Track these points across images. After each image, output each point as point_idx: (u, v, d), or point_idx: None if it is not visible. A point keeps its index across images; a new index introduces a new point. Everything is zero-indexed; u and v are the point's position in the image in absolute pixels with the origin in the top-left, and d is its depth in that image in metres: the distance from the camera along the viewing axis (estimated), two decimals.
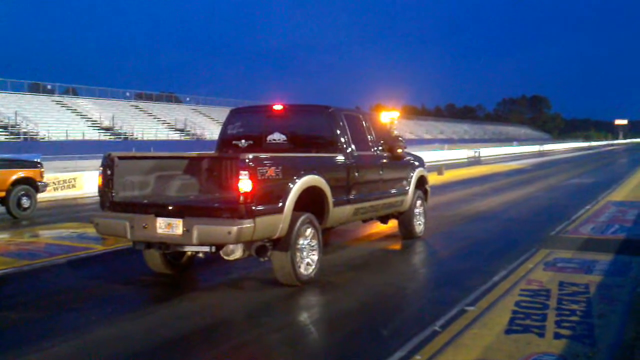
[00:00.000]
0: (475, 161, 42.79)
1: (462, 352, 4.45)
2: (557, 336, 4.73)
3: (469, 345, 4.59)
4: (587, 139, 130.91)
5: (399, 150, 9.01)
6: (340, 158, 7.60)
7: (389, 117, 26.20)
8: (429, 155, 43.59)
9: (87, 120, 43.85)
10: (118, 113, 45.85)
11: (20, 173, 13.08)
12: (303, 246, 6.55)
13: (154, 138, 42.87)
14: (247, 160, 5.77)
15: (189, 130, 48.11)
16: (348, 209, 7.62)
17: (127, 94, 53.34)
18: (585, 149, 76.35)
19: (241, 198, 5.72)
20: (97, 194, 7.05)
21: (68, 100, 46.72)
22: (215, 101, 58.31)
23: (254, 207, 5.75)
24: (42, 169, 13.76)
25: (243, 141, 8.27)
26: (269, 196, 6.04)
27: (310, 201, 6.70)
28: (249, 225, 5.68)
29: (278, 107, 8.43)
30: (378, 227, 10.38)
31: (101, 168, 6.64)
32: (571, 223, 10.87)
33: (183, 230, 5.88)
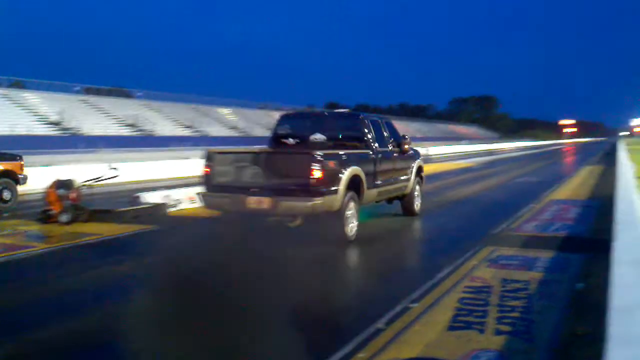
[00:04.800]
0: (426, 159, 43.29)
1: (404, 349, 4.50)
2: (497, 332, 4.83)
3: (412, 342, 4.65)
4: (534, 138, 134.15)
5: (405, 146, 11.45)
6: (369, 153, 10.04)
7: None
8: None
9: (34, 115, 42.68)
10: (66, 108, 44.74)
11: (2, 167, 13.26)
12: (348, 216, 8.84)
13: (103, 133, 42.02)
14: (318, 156, 8.29)
15: (139, 126, 47.35)
16: (374, 192, 10.06)
17: (77, 88, 52.19)
18: (532, 148, 78.11)
19: (314, 182, 8.23)
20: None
21: (14, 94, 45.37)
22: (169, 97, 57.37)
23: (322, 189, 8.27)
24: (22, 162, 14.03)
25: (291, 140, 10.72)
26: (330, 181, 8.43)
27: (352, 184, 8.97)
28: (319, 201, 8.21)
29: (319, 113, 11.83)
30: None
31: (205, 161, 9.24)
32: (515, 221, 11.09)
33: (270, 205, 8.39)
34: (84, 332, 5.21)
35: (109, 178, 13.31)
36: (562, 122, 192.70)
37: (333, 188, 8.45)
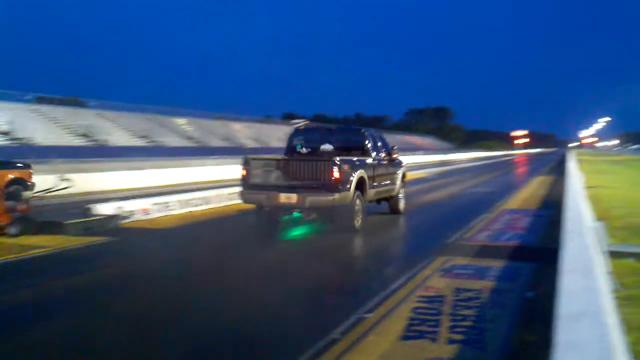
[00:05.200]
0: None
1: (358, 359, 4.53)
2: (450, 341, 4.88)
3: (366, 352, 4.67)
4: (487, 149, 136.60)
5: (394, 155, 13.89)
6: (370, 160, 12.29)
7: (298, 124, 26.33)
8: None
9: None
10: (17, 117, 43.57)
11: (12, 174, 13.20)
12: (356, 210, 10.98)
13: (54, 143, 41.01)
14: (337, 161, 10.58)
15: (93, 136, 46.43)
16: (373, 191, 12.14)
17: (28, 97, 50.83)
18: (485, 159, 79.53)
19: (334, 182, 10.46)
20: None
21: None
22: (124, 107, 56.33)
23: (339, 187, 10.46)
24: (32, 170, 13.90)
25: (304, 149, 12.89)
26: (345, 181, 10.64)
27: (359, 185, 11.12)
28: (338, 196, 10.40)
29: (327, 128, 14.54)
30: None
31: (244, 163, 11.50)
32: (469, 231, 11.26)
33: (297, 200, 10.50)
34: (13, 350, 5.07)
35: (60, 189, 12.99)
36: (514, 133, 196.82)
37: (347, 186, 10.74)
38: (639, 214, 12.03)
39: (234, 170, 31.34)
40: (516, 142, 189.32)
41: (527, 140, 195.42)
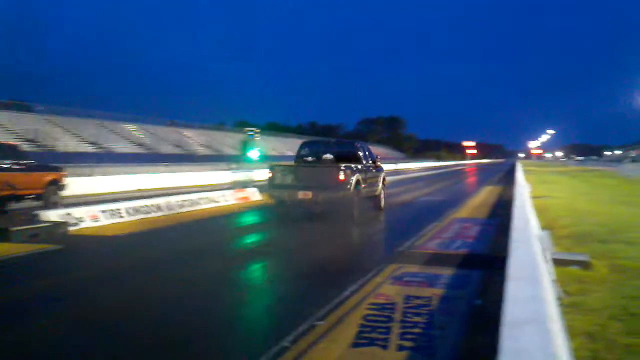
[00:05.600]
0: None
1: None
2: (400, 348, 4.93)
3: (316, 359, 4.68)
4: (438, 158, 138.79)
5: (378, 163, 17.46)
6: (362, 166, 15.39)
7: (250, 132, 26.24)
8: None
9: None
10: None
11: (51, 176, 17.01)
12: (354, 203, 14.42)
13: None
14: (343, 167, 13.94)
15: (40, 141, 45.27)
16: (364, 191, 15.20)
17: None
18: (436, 169, 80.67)
19: (340, 182, 13.72)
20: None
21: None
22: (72, 112, 54.90)
23: (343, 186, 13.70)
24: (65, 173, 17.77)
25: (310, 158, 16.23)
26: (347, 182, 13.87)
27: (356, 185, 14.28)
28: (342, 193, 13.74)
29: (327, 140, 18.80)
30: None
31: (270, 168, 14.89)
32: (420, 239, 11.39)
33: (312, 196, 13.79)
34: None
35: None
36: (465, 143, 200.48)
37: (348, 186, 13.96)
38: (582, 223, 12.38)
39: (185, 177, 31.16)
40: (467, 151, 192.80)
41: (476, 150, 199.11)
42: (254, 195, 21.18)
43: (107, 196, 19.62)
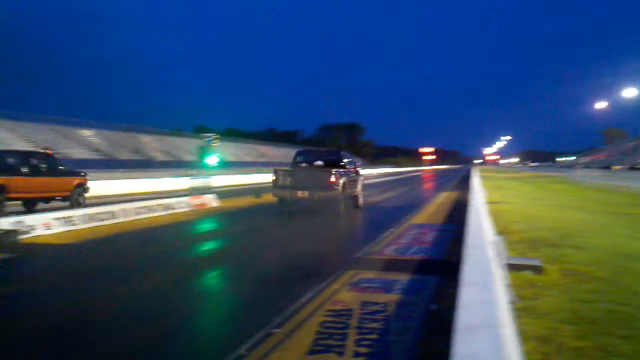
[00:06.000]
0: None
1: None
2: (356, 355, 4.94)
3: None
4: (396, 164, 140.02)
5: (358, 168, 20.76)
6: (346, 171, 18.35)
7: (208, 138, 26.06)
8: (250, 178, 44.01)
9: None
10: None
11: (77, 181, 20.15)
12: (341, 200, 17.70)
13: None
14: (334, 171, 17.09)
15: None
16: (348, 191, 18.30)
17: None
18: (394, 175, 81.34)
19: (332, 183, 16.78)
20: None
21: None
22: (24, 116, 52.94)
23: (334, 186, 16.78)
24: (88, 177, 21.11)
25: (304, 164, 18.95)
26: (337, 183, 16.82)
27: (343, 186, 17.35)
28: (334, 192, 16.91)
29: (318, 150, 22.68)
30: None
31: (273, 172, 17.72)
32: (377, 245, 11.44)
33: (309, 195, 16.76)
34: None
35: None
36: (422, 149, 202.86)
37: (337, 187, 17.07)
38: (535, 228, 12.63)
39: (142, 183, 30.73)
40: (424, 158, 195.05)
41: (433, 157, 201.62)
42: (212, 202, 21.02)
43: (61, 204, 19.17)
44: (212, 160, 28.03)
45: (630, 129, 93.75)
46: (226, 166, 53.25)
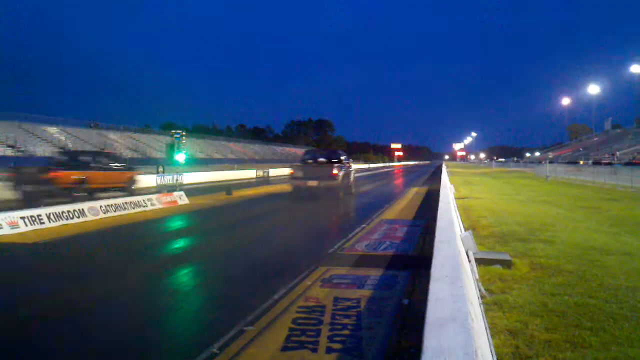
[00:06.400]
0: (265, 181, 43.64)
1: None
2: (328, 350, 4.96)
3: None
4: (366, 160, 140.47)
5: (351, 163, 26.72)
6: (342, 165, 23.75)
7: (177, 135, 25.95)
8: (220, 175, 43.68)
9: None
10: None
11: (131, 174, 24.36)
12: (341, 189, 23.51)
13: None
14: (335, 166, 23.15)
15: None
16: (344, 181, 23.58)
17: None
18: (365, 170, 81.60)
19: (334, 174, 22.57)
20: None
21: None
22: None
23: (336, 177, 22.59)
24: (139, 172, 25.65)
25: (310, 161, 24.93)
26: (338, 174, 22.66)
27: (342, 177, 23.22)
28: (336, 182, 22.56)
29: (322, 149, 44.12)
30: None
31: (291, 167, 24.16)
32: (348, 241, 11.49)
33: (317, 184, 22.38)
34: None
35: None
36: (393, 145, 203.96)
37: (337, 178, 22.19)
38: (505, 223, 12.82)
39: None
40: (395, 154, 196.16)
41: (402, 153, 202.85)
42: (181, 199, 20.86)
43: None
44: (180, 157, 27.80)
45: (594, 124, 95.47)
46: (195, 163, 52.85)
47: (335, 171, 22.43)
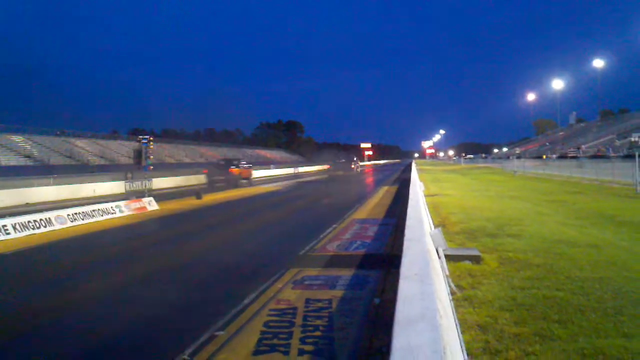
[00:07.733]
0: (235, 184, 43.29)
1: None
2: (300, 352, 4.94)
3: None
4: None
5: (359, 162, 76.03)
6: (355, 162, 68.82)
7: (144, 140, 25.54)
8: (189, 180, 43.28)
9: None
10: None
11: (252, 169, 43.07)
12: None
13: None
14: (353, 161, 67.32)
15: None
16: (358, 170, 66.52)
17: None
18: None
19: (353, 168, 63.63)
20: None
21: None
22: None
23: (355, 169, 64.87)
24: (253, 169, 44.56)
25: (342, 160, 70.93)
26: (355, 168, 65.00)
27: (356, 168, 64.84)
28: (354, 171, 62.97)
29: (345, 154, 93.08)
30: None
31: (329, 165, 68.28)
32: (320, 241, 11.49)
33: (342, 173, 59.45)
34: None
35: None
36: (363, 145, 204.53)
37: (356, 169, 64.21)
38: (474, 219, 12.93)
39: (77, 189, 29.86)
40: (365, 153, 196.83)
41: (372, 152, 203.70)
42: (151, 205, 20.61)
43: None
44: (147, 162, 27.51)
45: (560, 119, 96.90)
46: (164, 168, 52.31)
47: (353, 165, 48.55)
